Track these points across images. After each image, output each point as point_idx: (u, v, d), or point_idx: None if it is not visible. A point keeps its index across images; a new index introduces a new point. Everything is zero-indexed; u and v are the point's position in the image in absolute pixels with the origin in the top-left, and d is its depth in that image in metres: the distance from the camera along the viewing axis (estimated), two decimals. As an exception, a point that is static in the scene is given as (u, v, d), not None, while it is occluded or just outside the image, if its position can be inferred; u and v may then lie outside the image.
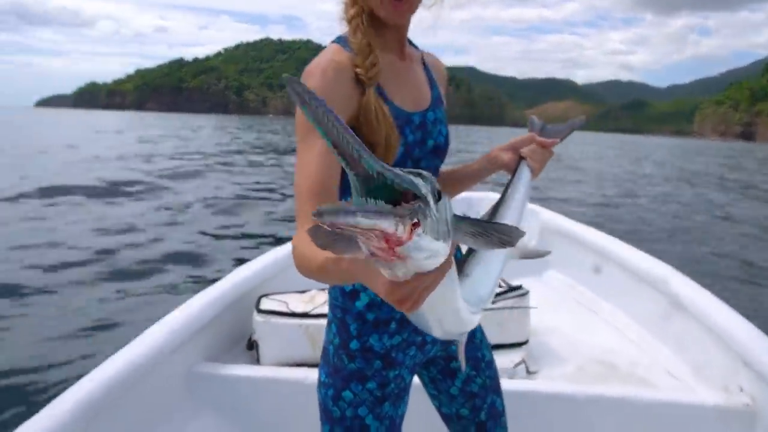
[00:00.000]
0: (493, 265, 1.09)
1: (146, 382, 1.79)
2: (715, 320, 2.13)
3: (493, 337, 2.46)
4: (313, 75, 1.03)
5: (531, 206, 4.41)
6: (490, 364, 1.31)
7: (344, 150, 0.48)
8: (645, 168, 28.35)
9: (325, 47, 1.12)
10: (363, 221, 0.45)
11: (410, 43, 1.21)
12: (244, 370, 2.03)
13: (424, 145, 1.12)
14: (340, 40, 1.10)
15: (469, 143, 46.76)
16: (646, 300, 2.70)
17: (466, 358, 1.24)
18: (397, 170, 0.51)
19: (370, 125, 1.02)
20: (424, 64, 1.22)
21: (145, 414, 1.80)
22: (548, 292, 3.47)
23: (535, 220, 4.13)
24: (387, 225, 0.46)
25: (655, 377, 2.32)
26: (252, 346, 2.41)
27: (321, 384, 1.15)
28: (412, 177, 0.52)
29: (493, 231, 0.62)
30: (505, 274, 2.99)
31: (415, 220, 0.48)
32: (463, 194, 1.57)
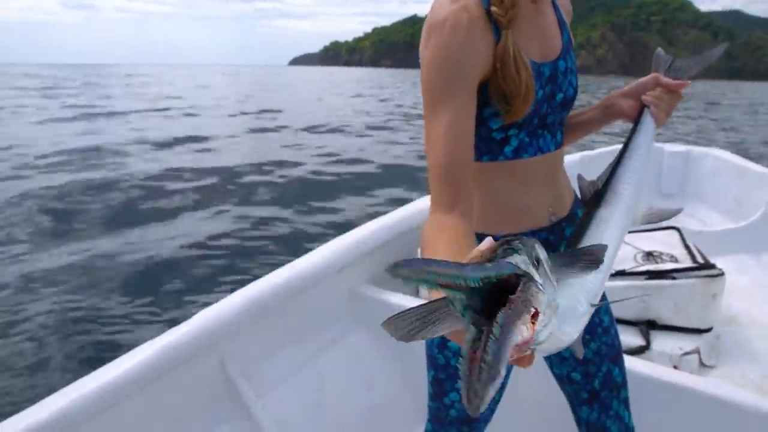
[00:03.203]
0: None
1: (312, 293, 1.95)
2: None
3: (666, 317, 2.16)
4: (439, 31, 0.89)
5: (761, 170, 3.67)
6: (608, 330, 1.16)
7: (453, 286, 0.46)
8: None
9: None
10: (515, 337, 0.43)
11: None
12: (401, 299, 2.06)
13: (552, 100, 1.01)
14: None
15: (726, 99, 40.60)
16: None
17: None
18: (490, 264, 0.48)
19: (509, 74, 0.90)
20: (553, 2, 1.06)
21: (308, 320, 1.98)
22: (764, 277, 2.89)
23: (764, 188, 3.44)
24: (521, 330, 0.44)
25: None
26: (414, 277, 2.47)
27: None
28: (508, 256, 0.48)
29: (580, 258, 0.59)
30: (710, 251, 2.55)
31: (533, 310, 0.44)
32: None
